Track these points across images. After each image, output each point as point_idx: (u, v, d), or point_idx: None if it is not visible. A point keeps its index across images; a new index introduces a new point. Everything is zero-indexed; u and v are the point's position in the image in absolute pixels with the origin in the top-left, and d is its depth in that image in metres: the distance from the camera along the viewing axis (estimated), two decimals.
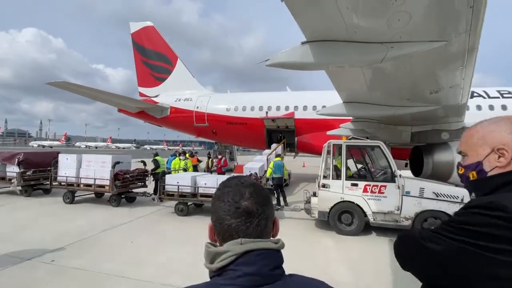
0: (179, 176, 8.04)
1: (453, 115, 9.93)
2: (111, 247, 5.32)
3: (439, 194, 6.08)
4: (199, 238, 5.75)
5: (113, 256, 4.88)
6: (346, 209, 6.54)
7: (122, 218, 7.38)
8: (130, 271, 4.25)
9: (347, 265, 4.78)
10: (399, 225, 6.21)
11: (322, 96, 16.96)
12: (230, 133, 17.71)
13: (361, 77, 6.47)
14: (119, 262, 4.62)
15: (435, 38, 4.58)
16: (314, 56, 4.92)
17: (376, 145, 6.58)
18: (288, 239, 4.12)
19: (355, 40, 4.75)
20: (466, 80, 6.56)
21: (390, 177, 6.36)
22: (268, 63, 5.33)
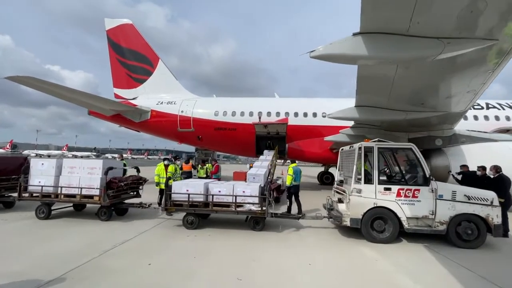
0: (189, 183, 7.01)
1: (449, 123, 10.43)
2: (123, 273, 4.18)
3: (471, 197, 6.04)
4: (226, 256, 4.95)
5: (133, 286, 3.81)
6: (379, 215, 6.19)
7: (121, 234, 6.11)
8: None
9: (411, 276, 4.33)
10: (433, 230, 6.01)
11: (312, 103, 17.07)
12: (218, 139, 16.80)
13: (391, 77, 6.33)
14: None
15: (490, 36, 4.54)
16: (369, 49, 4.57)
17: (408, 147, 6.40)
18: (323, 252, 3.55)
19: (413, 34, 4.52)
20: (484, 86, 6.80)
21: (423, 180, 6.19)
22: (314, 54, 4.85)
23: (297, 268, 4.56)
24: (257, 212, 6.54)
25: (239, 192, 6.75)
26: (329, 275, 4.35)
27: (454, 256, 5.32)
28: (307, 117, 16.09)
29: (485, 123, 14.89)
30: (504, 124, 14.79)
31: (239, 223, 7.43)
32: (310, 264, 4.74)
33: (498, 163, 8.22)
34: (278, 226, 7.21)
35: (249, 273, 4.24)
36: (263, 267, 4.56)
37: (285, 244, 5.84)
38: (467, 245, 5.88)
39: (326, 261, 4.94)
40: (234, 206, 6.63)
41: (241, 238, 6.19)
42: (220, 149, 18.27)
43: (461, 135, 11.40)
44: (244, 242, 5.86)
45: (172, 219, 7.67)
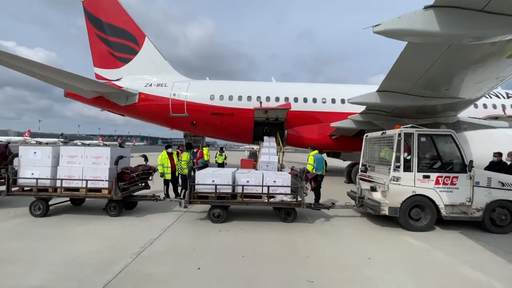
0: (214, 173, 6.29)
1: (456, 109, 10.59)
2: (174, 282, 3.53)
3: (505, 183, 6.08)
4: (276, 253, 4.49)
5: None
6: (418, 203, 6.04)
7: (143, 232, 5.36)
8: None
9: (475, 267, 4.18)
10: (470, 217, 6.00)
11: (311, 89, 16.67)
12: (214, 125, 15.89)
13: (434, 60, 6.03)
14: None
15: None
16: (441, 24, 4.14)
17: (448, 133, 6.23)
18: (372, 243, 3.25)
19: (489, 10, 4.14)
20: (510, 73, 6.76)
21: (461, 167, 6.09)
22: (378, 29, 4.33)
23: (360, 263, 4.21)
24: (292, 203, 6.08)
25: (269, 182, 6.22)
26: (396, 269, 4.05)
27: (495, 241, 5.34)
28: (307, 102, 15.70)
29: (475, 111, 15.58)
30: (492, 111, 15.57)
31: (263, 214, 6.96)
32: (370, 258, 4.42)
33: (499, 149, 8.50)
34: (305, 216, 6.85)
35: (314, 273, 3.80)
36: (324, 264, 4.15)
37: (327, 236, 5.49)
38: (500, 230, 5.96)
39: (382, 254, 4.66)
40: (266, 197, 6.11)
41: (277, 231, 5.73)
42: (216, 135, 17.38)
43: (464, 122, 11.72)
44: (283, 236, 5.41)
45: (190, 212, 7.00)
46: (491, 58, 5.97)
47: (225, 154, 14.91)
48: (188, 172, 6.20)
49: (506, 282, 3.67)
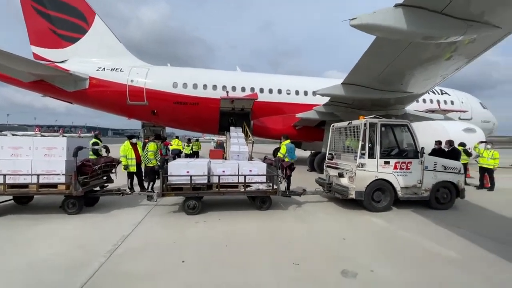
0: (189, 164, 6.01)
1: (405, 103, 11.82)
2: (161, 277, 3.36)
3: (447, 167, 7.07)
4: (258, 240, 4.60)
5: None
6: (379, 187, 6.68)
7: (112, 229, 4.94)
8: None
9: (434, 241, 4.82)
10: (420, 196, 6.85)
11: (276, 80, 16.90)
12: (177, 114, 15.14)
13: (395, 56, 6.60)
14: None
15: (499, 23, 5.05)
16: (408, 22, 4.54)
17: (404, 123, 6.94)
18: (343, 225, 4.17)
19: (447, 13, 4.65)
20: (454, 72, 7.79)
21: (414, 154, 6.87)
22: (355, 22, 4.55)
23: (336, 244, 4.53)
24: (267, 191, 6.19)
25: (245, 172, 6.23)
26: (368, 246, 4.46)
27: (439, 217, 6.21)
28: (272, 93, 15.92)
29: (417, 105, 17.60)
30: (430, 106, 17.78)
31: (238, 203, 6.97)
32: (344, 238, 4.77)
33: (438, 138, 9.87)
34: (278, 204, 7.06)
35: (298, 256, 3.97)
36: (305, 247, 4.35)
37: (303, 221, 5.74)
38: (442, 207, 6.94)
39: (354, 233, 5.07)
40: (242, 187, 6.10)
41: (254, 219, 5.80)
42: (179, 125, 16.58)
43: (410, 114, 13.20)
44: (262, 224, 5.50)
45: (160, 205, 6.66)
46: (439, 59, 6.80)
47: (199, 143, 14.30)
48: (161, 163, 5.84)
49: (454, 250, 4.32)
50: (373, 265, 3.71)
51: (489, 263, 3.87)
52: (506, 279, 3.40)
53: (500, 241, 4.74)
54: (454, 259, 4.00)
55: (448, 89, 19.60)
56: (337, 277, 3.41)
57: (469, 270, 3.63)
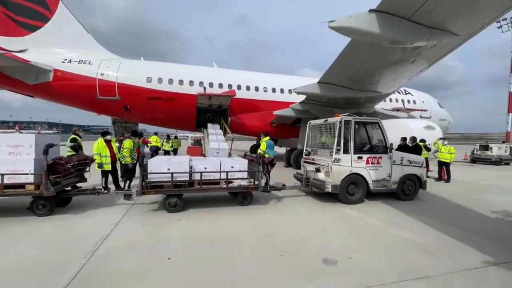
0: (170, 161, 5.90)
1: (374, 102, 12.60)
2: (147, 275, 3.33)
3: (412, 161, 7.73)
4: (242, 235, 4.78)
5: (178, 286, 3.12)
6: (353, 180, 7.12)
7: (90, 229, 4.75)
8: None
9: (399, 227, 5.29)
10: (388, 189, 7.42)
11: (252, 77, 17.02)
12: (152, 110, 14.65)
13: (367, 58, 7.04)
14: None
15: (457, 31, 5.63)
16: (381, 27, 4.91)
17: (376, 121, 7.43)
18: (321, 217, 4.44)
19: (413, 20, 5.08)
20: (418, 75, 8.49)
21: (384, 149, 7.41)
22: (333, 25, 4.81)
23: (316, 235, 4.80)
24: (249, 187, 6.31)
25: (227, 168, 6.29)
26: (345, 235, 4.79)
27: (406, 207, 6.80)
28: (250, 90, 16.03)
29: (384, 104, 18.81)
30: (396, 105, 19.09)
31: (219, 200, 7.02)
32: (323, 230, 5.06)
33: (403, 135, 10.72)
34: (259, 199, 7.22)
35: (282, 248, 4.16)
36: (287, 239, 4.55)
37: (283, 215, 5.96)
38: (408, 198, 7.58)
39: (332, 224, 5.39)
40: (224, 183, 6.16)
41: (236, 214, 5.90)
42: (153, 121, 16.03)
43: (378, 112, 14.09)
44: (244, 219, 5.62)
45: (138, 204, 6.50)
46: (405, 62, 7.39)
47: (179, 140, 14.01)
48: (140, 160, 5.68)
49: (419, 236, 4.80)
50: (351, 252, 4.02)
51: (450, 246, 4.37)
52: (469, 261, 3.88)
53: (458, 226, 5.34)
54: (420, 243, 4.46)
55: (411, 89, 21.16)
56: (320, 265, 3.64)
57: (434, 254, 4.07)
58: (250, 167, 6.71)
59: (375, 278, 3.28)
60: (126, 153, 7.21)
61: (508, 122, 31.93)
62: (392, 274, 3.39)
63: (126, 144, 7.25)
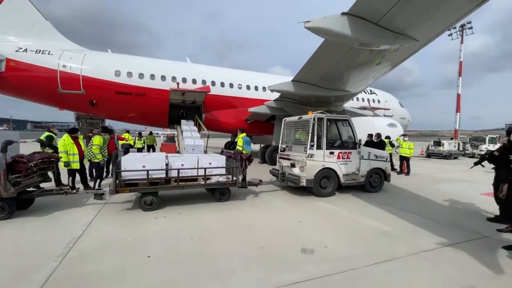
0: (145, 158, 5.71)
1: (344, 100, 13.29)
2: (131, 274, 3.29)
3: (378, 156, 8.35)
4: (221, 230, 4.89)
5: (161, 283, 3.11)
6: (325, 175, 7.51)
7: (58, 231, 4.47)
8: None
9: (368, 217, 5.74)
10: (357, 182, 7.95)
11: (226, 73, 16.94)
12: (121, 106, 13.95)
13: (338, 58, 7.43)
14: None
15: (417, 37, 6.19)
16: (351, 29, 5.23)
17: (346, 119, 7.89)
18: (298, 210, 4.91)
19: (380, 24, 5.49)
20: (383, 75, 9.16)
21: (353, 145, 7.90)
22: (309, 25, 5.03)
23: (293, 227, 5.03)
24: (227, 183, 6.37)
25: (205, 165, 6.28)
26: (319, 226, 5.09)
27: (373, 198, 7.37)
28: (224, 87, 15.95)
29: (352, 102, 19.88)
30: (362, 103, 20.28)
31: (196, 196, 6.99)
32: (300, 221, 5.32)
33: (369, 132, 11.53)
34: (236, 195, 7.32)
35: (262, 241, 4.31)
36: (266, 232, 4.71)
37: (261, 209, 6.12)
38: (374, 190, 8.19)
39: (307, 217, 5.66)
40: (202, 179, 6.15)
41: (215, 210, 5.94)
42: (122, 117, 15.22)
43: (347, 110, 14.88)
44: (223, 214, 5.68)
45: (110, 203, 6.24)
46: (372, 63, 7.95)
47: (153, 137, 13.62)
48: (114, 158, 5.45)
49: (385, 223, 5.26)
50: (326, 241, 4.29)
51: (410, 231, 4.86)
52: (426, 244, 4.35)
53: (416, 213, 5.94)
54: (386, 230, 4.89)
55: (376, 89, 22.60)
56: (298, 254, 3.85)
57: (397, 238, 4.51)
58: (228, 163, 6.76)
59: (348, 263, 3.57)
60: (96, 150, 6.84)
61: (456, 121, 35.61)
62: (363, 259, 3.71)
63: (96, 140, 6.87)
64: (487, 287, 3.08)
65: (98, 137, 6.94)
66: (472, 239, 4.53)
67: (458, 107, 35.24)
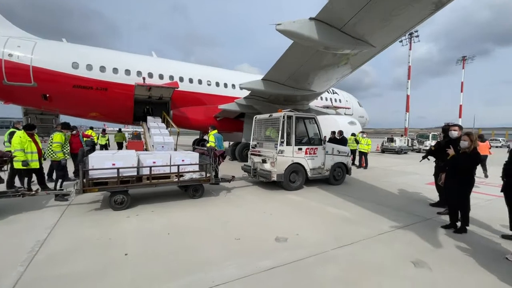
0: (115, 156, 5.48)
1: (309, 99, 14.02)
2: (109, 274, 3.26)
3: (340, 151, 9.07)
4: (198, 226, 5.07)
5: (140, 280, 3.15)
6: (294, 169, 7.97)
7: (20, 235, 4.18)
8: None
9: (333, 206, 6.28)
10: (323, 176, 8.57)
11: (195, 69, 16.68)
12: (79, 100, 12.93)
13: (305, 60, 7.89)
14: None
15: (375, 43, 6.87)
16: (318, 33, 5.65)
17: (312, 117, 8.41)
18: (269, 203, 5.59)
19: (343, 30, 6.01)
20: (345, 77, 9.92)
21: (319, 141, 8.48)
22: (280, 28, 5.33)
23: (266, 218, 5.32)
24: (201, 180, 6.44)
25: (178, 162, 6.27)
26: (290, 217, 5.46)
27: (336, 190, 8.03)
28: (193, 83, 15.70)
29: (316, 102, 20.93)
30: (325, 103, 21.47)
31: (168, 194, 6.94)
32: (271, 214, 5.64)
33: (332, 130, 12.42)
34: (209, 191, 7.41)
35: (237, 233, 4.52)
36: (241, 225, 4.93)
37: (235, 204, 6.32)
38: (337, 183, 8.91)
39: (279, 209, 6.01)
40: (176, 177, 6.13)
41: (189, 207, 5.99)
42: (80, 113, 14.07)
43: (312, 109, 15.69)
44: (197, 210, 5.76)
45: (75, 204, 5.92)
46: (336, 65, 8.59)
47: (123, 134, 13.03)
48: (80, 156, 5.18)
49: (347, 211, 5.84)
50: (297, 230, 4.66)
51: (368, 217, 5.48)
52: (382, 227, 4.96)
53: (373, 202, 6.66)
54: (349, 217, 5.45)
55: (337, 89, 24.07)
56: (273, 243, 4.15)
57: (358, 224, 5.07)
58: (201, 160, 6.82)
59: (319, 248, 3.96)
60: (57, 148, 6.37)
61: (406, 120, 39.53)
62: (331, 243, 4.14)
63: (56, 138, 6.39)
64: (429, 259, 3.68)
65: (58, 134, 6.46)
66: (418, 222, 5.28)
67: (407, 107, 39.07)
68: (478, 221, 5.33)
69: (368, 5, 5.14)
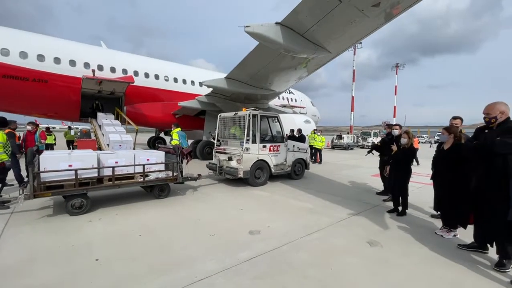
0: (72, 156, 4.96)
1: (269, 98, 14.58)
2: (82, 282, 3.09)
3: (300, 148, 9.72)
4: (170, 226, 5.09)
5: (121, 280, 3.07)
6: (259, 166, 8.30)
7: None
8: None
9: (296, 199, 6.78)
10: (285, 171, 9.10)
11: (151, 64, 15.88)
12: (10, 93, 11.22)
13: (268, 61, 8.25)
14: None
15: (331, 49, 7.55)
16: (283, 37, 6.03)
17: (275, 115, 8.82)
18: (238, 199, 6.13)
19: (305, 36, 6.50)
20: (303, 78, 10.62)
21: (281, 139, 8.96)
22: (248, 30, 5.54)
23: (237, 214, 5.52)
24: (168, 179, 6.29)
25: (143, 161, 6.03)
26: (259, 210, 5.76)
27: (297, 184, 8.63)
28: (149, 78, 14.90)
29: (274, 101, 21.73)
30: (283, 102, 22.43)
31: (130, 196, 6.62)
32: (242, 209, 5.86)
33: (289, 127, 13.19)
34: (175, 191, 7.28)
35: (211, 229, 4.63)
36: (213, 221, 5.03)
37: (203, 202, 6.35)
38: (298, 177, 9.55)
39: (247, 204, 6.25)
40: (141, 177, 5.89)
41: (156, 207, 5.83)
42: (12, 107, 12.16)
43: (271, 108, 16.29)
44: (165, 210, 5.65)
45: (18, 212, 5.29)
46: (295, 67, 9.17)
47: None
48: (29, 156, 4.62)
49: (309, 203, 6.39)
50: (268, 222, 4.97)
51: (328, 207, 6.09)
52: (341, 215, 5.58)
53: (330, 193, 7.38)
54: (310, 208, 5.98)
55: (293, 89, 25.33)
56: (247, 236, 4.37)
57: (320, 213, 5.61)
58: (167, 159, 6.65)
59: (290, 237, 4.32)
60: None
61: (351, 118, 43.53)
62: (300, 232, 4.54)
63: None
64: (379, 239, 4.35)
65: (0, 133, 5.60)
66: (368, 208, 6.08)
67: (352, 107, 42.99)
68: (413, 205, 6.36)
69: (327, 16, 5.69)
